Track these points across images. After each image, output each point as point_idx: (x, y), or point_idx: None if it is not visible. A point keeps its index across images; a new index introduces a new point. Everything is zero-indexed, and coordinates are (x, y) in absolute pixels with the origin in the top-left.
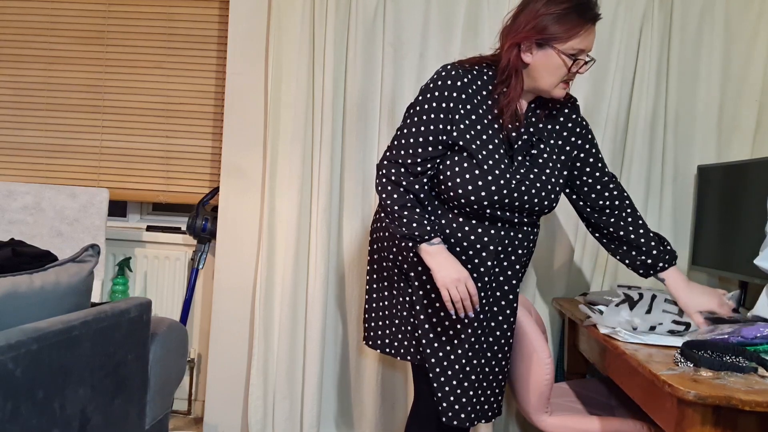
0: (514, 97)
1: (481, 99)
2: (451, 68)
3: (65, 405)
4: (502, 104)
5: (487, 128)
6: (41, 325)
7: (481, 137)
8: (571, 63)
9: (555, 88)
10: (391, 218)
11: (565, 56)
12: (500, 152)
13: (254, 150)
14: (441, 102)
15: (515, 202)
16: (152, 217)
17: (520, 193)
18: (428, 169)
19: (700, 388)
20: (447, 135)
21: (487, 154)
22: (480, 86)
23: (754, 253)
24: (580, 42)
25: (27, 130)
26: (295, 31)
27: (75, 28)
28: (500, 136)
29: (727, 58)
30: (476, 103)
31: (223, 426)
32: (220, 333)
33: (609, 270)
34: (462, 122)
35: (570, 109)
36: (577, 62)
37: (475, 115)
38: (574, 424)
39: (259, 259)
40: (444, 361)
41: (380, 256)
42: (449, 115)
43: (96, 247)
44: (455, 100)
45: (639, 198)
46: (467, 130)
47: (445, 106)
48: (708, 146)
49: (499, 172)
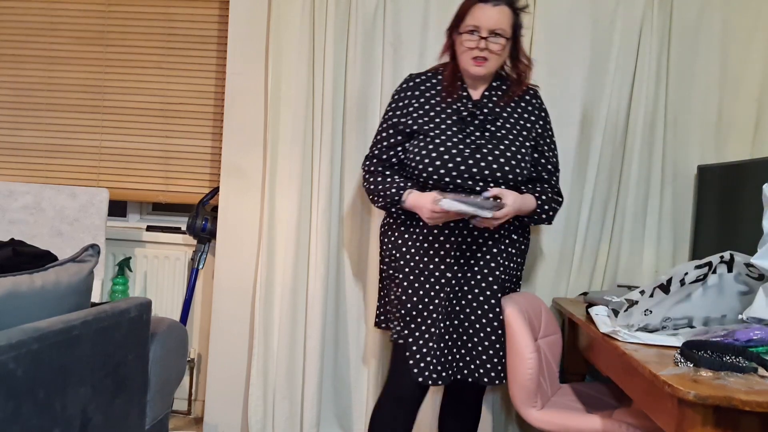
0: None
1: (435, 92)
2: (408, 76)
3: (66, 405)
4: (445, 87)
5: (439, 114)
6: (42, 325)
7: (434, 120)
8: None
9: (469, 66)
10: (375, 198)
11: (465, 35)
12: (453, 129)
13: (254, 150)
14: (396, 103)
15: (472, 169)
16: (152, 217)
17: (475, 161)
18: (392, 157)
19: (700, 388)
20: (401, 126)
21: (439, 132)
22: (435, 83)
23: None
24: (471, 19)
25: (27, 130)
26: (295, 31)
27: (75, 28)
28: (453, 118)
29: (725, 58)
30: (429, 96)
31: (223, 426)
32: (220, 333)
33: (609, 270)
34: (416, 111)
35: (531, 95)
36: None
37: (428, 105)
38: (559, 420)
39: (259, 259)
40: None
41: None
42: (403, 109)
43: (96, 247)
44: (408, 97)
45: (639, 198)
46: (421, 116)
47: (397, 105)
48: (707, 146)
49: (451, 144)
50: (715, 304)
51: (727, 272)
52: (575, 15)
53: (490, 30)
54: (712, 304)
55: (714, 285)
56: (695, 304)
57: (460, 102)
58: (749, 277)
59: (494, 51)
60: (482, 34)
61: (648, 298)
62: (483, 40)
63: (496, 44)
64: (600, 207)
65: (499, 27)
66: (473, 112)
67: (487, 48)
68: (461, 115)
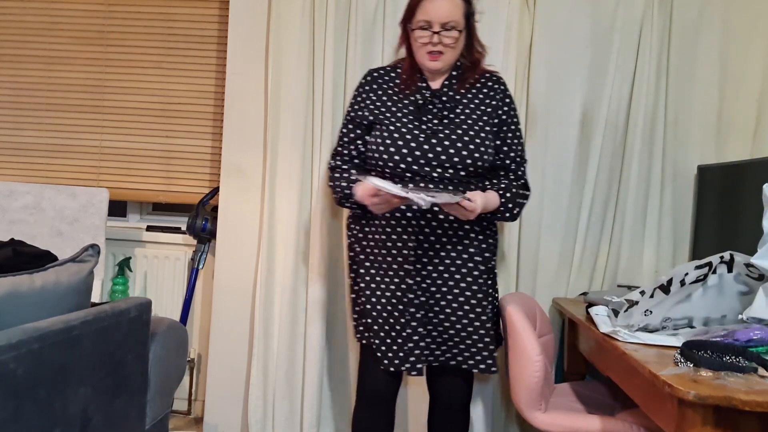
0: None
1: (394, 85)
2: (368, 72)
3: (66, 404)
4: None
5: (396, 103)
6: (42, 325)
7: (391, 110)
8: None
9: (425, 61)
10: (333, 194)
11: (417, 31)
12: (409, 118)
13: (254, 150)
14: (357, 97)
15: (428, 154)
16: (152, 217)
17: (431, 146)
18: (353, 151)
19: (700, 388)
20: (360, 119)
21: (395, 120)
22: (394, 76)
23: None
24: (422, 14)
25: (27, 130)
26: (295, 31)
27: (75, 28)
28: (410, 108)
29: (726, 58)
30: (386, 88)
31: (223, 426)
32: (220, 333)
33: (609, 270)
34: (373, 104)
35: (493, 81)
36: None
37: (386, 96)
38: (565, 422)
39: (259, 259)
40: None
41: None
42: (361, 103)
43: (96, 246)
44: (367, 91)
45: (639, 198)
46: (378, 108)
47: (359, 99)
48: (707, 146)
49: (406, 131)
50: (716, 304)
51: (727, 272)
52: (575, 15)
53: (442, 24)
54: (713, 305)
55: (714, 285)
56: (695, 304)
57: (419, 93)
58: (749, 278)
59: (448, 44)
60: (434, 28)
61: (648, 298)
62: (436, 35)
63: (449, 37)
64: (600, 207)
65: (451, 20)
66: (431, 101)
67: (440, 42)
68: (419, 104)
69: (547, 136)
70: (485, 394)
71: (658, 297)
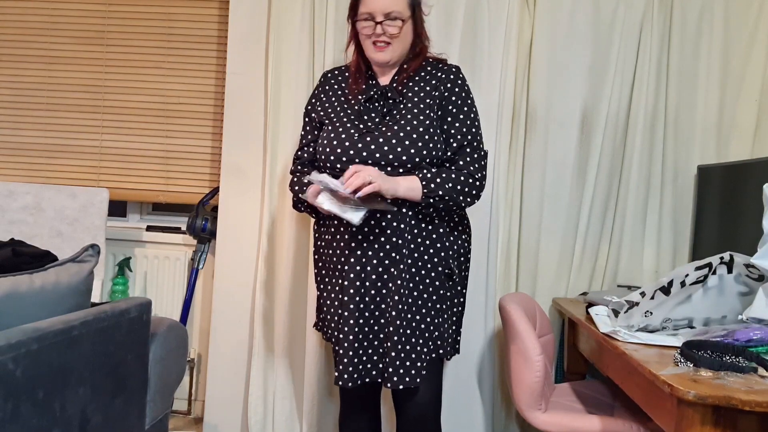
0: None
1: (345, 84)
2: (323, 73)
3: (65, 405)
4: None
5: (343, 103)
6: (41, 325)
7: (336, 110)
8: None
9: (373, 53)
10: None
11: (360, 23)
12: (350, 117)
13: (254, 150)
14: (311, 98)
15: (363, 152)
16: (152, 217)
17: (365, 144)
18: (306, 153)
19: (700, 388)
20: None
21: (337, 119)
22: (347, 76)
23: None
24: (364, 6)
25: (27, 130)
26: (295, 31)
27: (75, 28)
28: (355, 107)
29: (726, 58)
30: (337, 88)
31: (223, 426)
32: (220, 333)
33: (609, 270)
34: (323, 105)
35: (441, 71)
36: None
37: (335, 96)
38: (566, 422)
39: (259, 259)
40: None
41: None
42: (315, 105)
43: (96, 247)
44: (320, 93)
45: (639, 198)
46: (326, 108)
47: (313, 101)
48: (708, 146)
49: (342, 130)
50: (716, 305)
51: (727, 273)
52: (575, 15)
53: (385, 14)
54: (713, 305)
55: (714, 286)
56: (696, 305)
57: (368, 90)
58: (749, 278)
59: (393, 34)
60: (377, 19)
61: (649, 300)
62: (378, 25)
63: (393, 27)
64: (600, 207)
65: (393, 9)
66: (373, 98)
67: (384, 32)
68: (360, 102)
69: (547, 137)
70: (485, 394)
71: (658, 298)
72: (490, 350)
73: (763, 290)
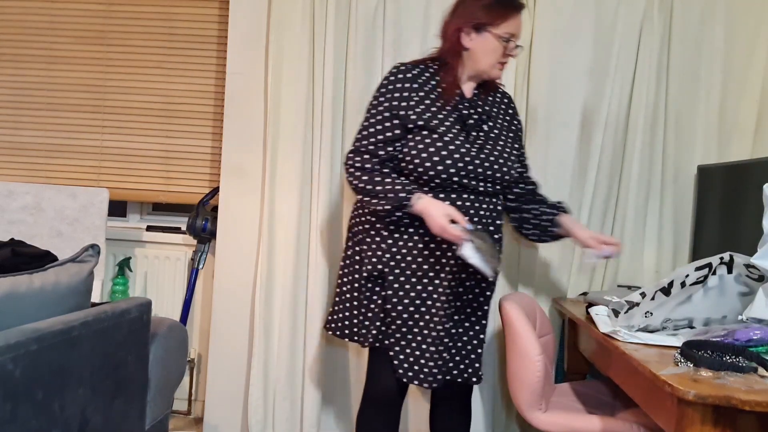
0: (454, 77)
1: (431, 87)
2: (400, 65)
3: (65, 406)
4: (449, 83)
5: (440, 110)
6: (41, 326)
7: (437, 117)
8: (504, 45)
9: (492, 69)
10: (369, 199)
11: (499, 39)
12: (456, 128)
13: (254, 150)
14: (395, 92)
15: (478, 169)
16: (152, 217)
17: (481, 161)
18: (388, 153)
19: (700, 387)
20: (402, 119)
21: (445, 129)
22: (428, 77)
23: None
24: (510, 26)
25: (27, 130)
26: (295, 31)
27: (75, 28)
28: (453, 115)
29: (727, 58)
30: (428, 90)
31: (223, 426)
32: (220, 333)
33: (609, 270)
34: (418, 106)
35: (505, 96)
36: (509, 45)
37: (428, 99)
38: (566, 422)
39: (259, 259)
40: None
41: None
42: (403, 102)
43: (96, 247)
44: (408, 89)
45: (639, 198)
46: (424, 112)
47: (398, 95)
48: (708, 146)
49: (458, 143)
50: (716, 305)
51: (727, 273)
52: (575, 15)
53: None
54: (713, 306)
55: (714, 286)
56: (696, 305)
57: (455, 100)
58: (749, 278)
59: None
60: (517, 42)
61: (649, 300)
62: (516, 48)
63: (518, 51)
64: (600, 207)
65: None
66: (470, 113)
67: (513, 55)
68: (462, 113)
69: (548, 136)
70: (485, 394)
71: (659, 299)
72: (490, 350)
73: (763, 290)
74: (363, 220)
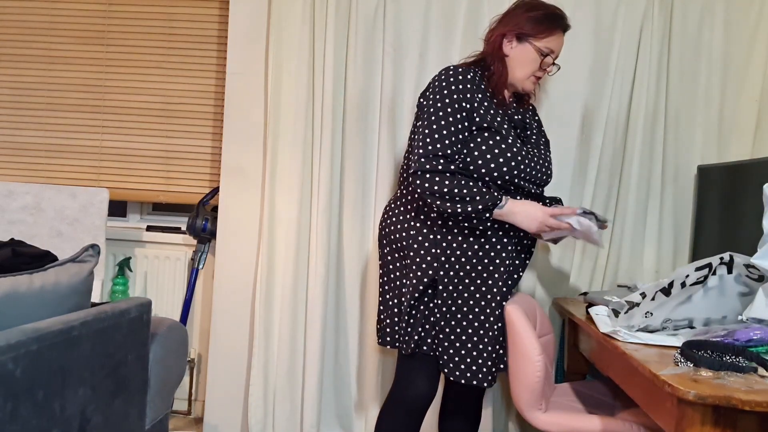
0: (502, 80)
1: (483, 89)
2: (457, 67)
3: (65, 405)
4: (495, 87)
5: (497, 112)
6: (41, 326)
7: (496, 119)
8: (542, 59)
9: (526, 81)
10: (453, 204)
11: (539, 51)
12: (513, 131)
13: (254, 150)
14: (460, 93)
15: (532, 171)
16: (152, 217)
17: (534, 164)
18: (457, 153)
19: (700, 387)
20: (471, 121)
21: (506, 132)
22: (479, 80)
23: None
24: (551, 42)
25: (27, 130)
26: (295, 31)
27: (75, 28)
28: (505, 118)
29: (727, 58)
30: (483, 92)
31: (223, 426)
32: (220, 333)
33: (609, 270)
34: (480, 107)
35: (535, 111)
36: (546, 60)
37: (486, 102)
38: (566, 422)
39: (259, 259)
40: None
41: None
42: (469, 104)
43: (96, 247)
44: (471, 91)
45: (639, 198)
46: (486, 113)
47: (464, 96)
48: (708, 146)
49: (517, 147)
50: (716, 305)
51: (727, 273)
52: (576, 15)
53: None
54: (713, 306)
55: (714, 287)
56: (696, 305)
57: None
58: (749, 278)
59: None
60: (555, 59)
61: (649, 301)
62: (553, 66)
63: (554, 67)
64: (600, 207)
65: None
66: (517, 119)
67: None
68: (513, 118)
69: (548, 136)
70: (485, 394)
71: (659, 299)
72: None
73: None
74: (407, 226)
